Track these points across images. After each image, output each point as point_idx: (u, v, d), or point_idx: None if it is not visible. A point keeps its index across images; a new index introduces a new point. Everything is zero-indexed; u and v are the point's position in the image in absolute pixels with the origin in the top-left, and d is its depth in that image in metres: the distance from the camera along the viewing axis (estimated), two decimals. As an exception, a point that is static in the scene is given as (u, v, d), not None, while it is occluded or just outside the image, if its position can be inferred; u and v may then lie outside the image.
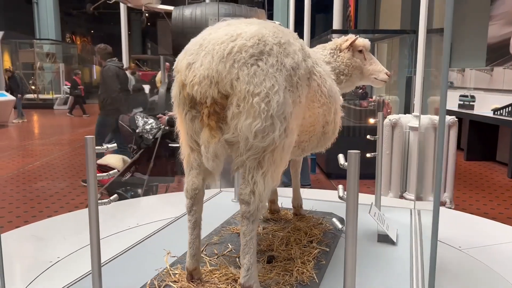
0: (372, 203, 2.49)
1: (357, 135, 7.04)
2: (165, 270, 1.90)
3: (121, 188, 4.55)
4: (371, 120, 4.80)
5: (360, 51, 2.51)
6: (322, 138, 2.13)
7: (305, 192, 3.35)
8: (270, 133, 1.53)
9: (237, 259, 1.97)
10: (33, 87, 20.75)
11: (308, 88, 1.79)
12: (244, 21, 1.71)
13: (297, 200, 2.66)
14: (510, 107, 7.59)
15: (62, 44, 24.27)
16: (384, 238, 2.34)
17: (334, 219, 1.52)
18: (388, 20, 14.16)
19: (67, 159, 8.55)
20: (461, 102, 9.12)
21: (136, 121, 4.62)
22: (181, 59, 1.63)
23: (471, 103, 8.89)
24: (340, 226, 1.46)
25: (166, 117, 4.46)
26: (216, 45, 1.54)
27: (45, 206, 5.46)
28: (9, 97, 14.08)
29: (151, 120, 4.63)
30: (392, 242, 2.33)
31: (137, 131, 4.57)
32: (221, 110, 1.56)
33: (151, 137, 4.51)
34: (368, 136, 2.90)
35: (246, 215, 1.59)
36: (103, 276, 1.62)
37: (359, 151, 1.30)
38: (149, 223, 2.76)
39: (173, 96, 1.66)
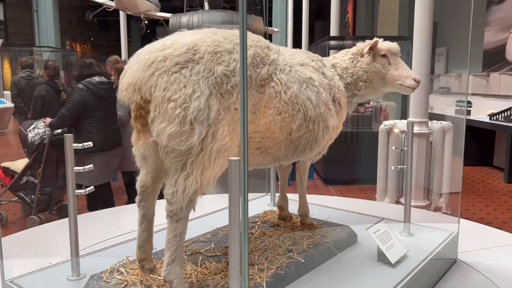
0: (382, 219, 2.40)
1: (354, 141, 7.08)
2: (127, 259, 2.06)
3: (22, 190, 4.75)
4: (395, 130, 4.78)
5: (384, 56, 2.37)
6: (292, 145, 2.07)
7: (317, 199, 3.40)
8: (189, 138, 1.62)
9: (210, 258, 2.09)
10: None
11: (260, 95, 1.85)
12: (199, 31, 1.84)
13: (302, 208, 2.60)
14: (506, 112, 7.64)
15: (62, 52, 24.35)
16: (383, 258, 2.22)
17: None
18: (386, 27, 14.25)
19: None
20: (458, 108, 9.16)
21: (31, 126, 4.69)
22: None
23: (467, 108, 8.94)
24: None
25: (49, 120, 4.47)
26: (146, 54, 1.68)
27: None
28: (8, 104, 14.11)
29: (41, 125, 4.65)
30: (389, 263, 2.19)
31: (28, 136, 4.64)
32: (146, 114, 1.69)
33: (37, 141, 4.59)
34: (393, 148, 2.88)
35: (169, 214, 1.70)
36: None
37: (239, 158, 1.32)
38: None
39: None
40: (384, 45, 2.39)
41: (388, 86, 2.42)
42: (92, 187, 2.06)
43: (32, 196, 4.67)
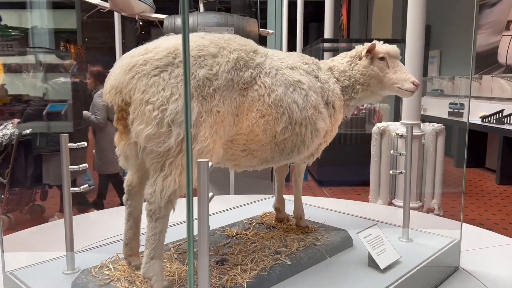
0: (376, 224, 2.37)
1: (348, 143, 7.12)
2: (117, 255, 2.12)
3: None
4: (393, 134, 4.78)
5: (382, 58, 2.35)
6: (278, 148, 2.07)
7: (312, 200, 3.40)
8: (167, 139, 1.66)
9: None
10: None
11: (243, 98, 1.88)
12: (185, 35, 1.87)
13: (297, 211, 2.59)
14: (498, 115, 7.72)
15: (55, 52, 24.27)
16: (373, 263, 2.19)
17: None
18: (380, 29, 14.34)
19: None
20: (451, 110, 9.25)
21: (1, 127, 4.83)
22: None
23: (460, 110, 9.02)
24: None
25: (17, 121, 4.62)
26: (128, 58, 1.74)
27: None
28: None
29: (9, 125, 4.76)
30: (379, 269, 2.15)
31: None
32: (127, 116, 1.74)
33: (5, 142, 4.68)
34: (391, 152, 2.84)
35: (148, 213, 1.74)
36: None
37: (208, 160, 1.36)
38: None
39: None
40: (382, 47, 2.37)
41: (387, 89, 2.40)
42: (86, 185, 2.16)
43: (2, 196, 4.78)
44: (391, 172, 3.17)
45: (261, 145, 2.02)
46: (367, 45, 2.37)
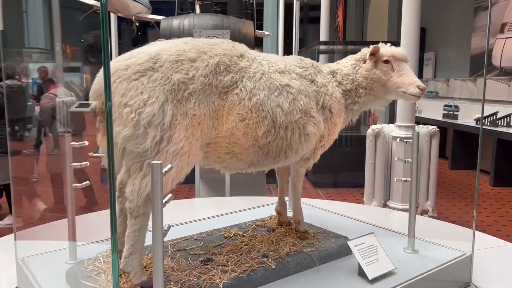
0: (372, 233, 2.27)
1: (343, 144, 7.16)
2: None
3: None
4: (397, 140, 4.73)
5: (387, 61, 2.26)
6: (261, 152, 2.06)
7: (309, 202, 3.34)
8: (143, 141, 1.73)
9: (192, 256, 2.15)
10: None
11: (223, 102, 1.91)
12: (174, 40, 1.96)
13: (296, 215, 2.52)
14: (492, 117, 7.78)
15: (51, 53, 24.21)
16: (363, 273, 2.08)
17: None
18: (376, 31, 14.41)
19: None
20: (446, 112, 9.31)
21: None
22: None
23: (455, 112, 9.08)
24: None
25: None
26: (113, 63, 1.81)
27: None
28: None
29: None
30: (367, 279, 2.05)
31: None
32: None
33: None
34: (396, 158, 2.62)
35: (129, 211, 1.80)
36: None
37: (161, 162, 1.42)
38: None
39: None
40: (387, 50, 2.28)
41: (391, 93, 2.31)
42: (87, 181, 2.27)
43: None
44: (395, 179, 3.04)
45: (244, 148, 2.03)
46: (371, 47, 2.30)
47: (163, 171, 1.45)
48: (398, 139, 2.68)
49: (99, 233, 2.47)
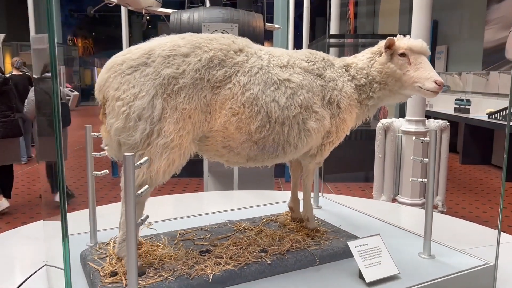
0: (379, 234, 2.15)
1: (353, 138, 7.12)
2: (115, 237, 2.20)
3: None
4: (413, 137, 4.64)
5: (403, 55, 2.14)
6: (257, 146, 2.03)
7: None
8: (133, 133, 1.80)
9: (196, 246, 2.18)
10: (34, 89, 20.85)
11: (215, 96, 1.92)
12: (171, 36, 2.00)
13: (305, 212, 2.46)
14: (504, 111, 7.67)
15: (63, 47, 24.39)
16: (362, 275, 2.00)
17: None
18: (387, 24, 14.25)
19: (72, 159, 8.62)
20: (457, 106, 9.20)
21: None
22: None
23: (466, 106, 8.97)
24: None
25: None
26: (113, 58, 1.90)
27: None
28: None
29: None
30: (365, 282, 1.96)
31: None
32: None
33: None
34: (412, 158, 2.49)
35: (122, 200, 1.84)
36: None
37: (133, 154, 1.46)
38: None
39: None
40: (404, 42, 2.15)
41: (407, 88, 2.19)
42: (106, 170, 2.34)
43: None
44: (410, 180, 2.88)
45: (238, 142, 2.01)
46: (387, 39, 2.18)
47: (138, 163, 1.51)
48: (414, 137, 2.52)
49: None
